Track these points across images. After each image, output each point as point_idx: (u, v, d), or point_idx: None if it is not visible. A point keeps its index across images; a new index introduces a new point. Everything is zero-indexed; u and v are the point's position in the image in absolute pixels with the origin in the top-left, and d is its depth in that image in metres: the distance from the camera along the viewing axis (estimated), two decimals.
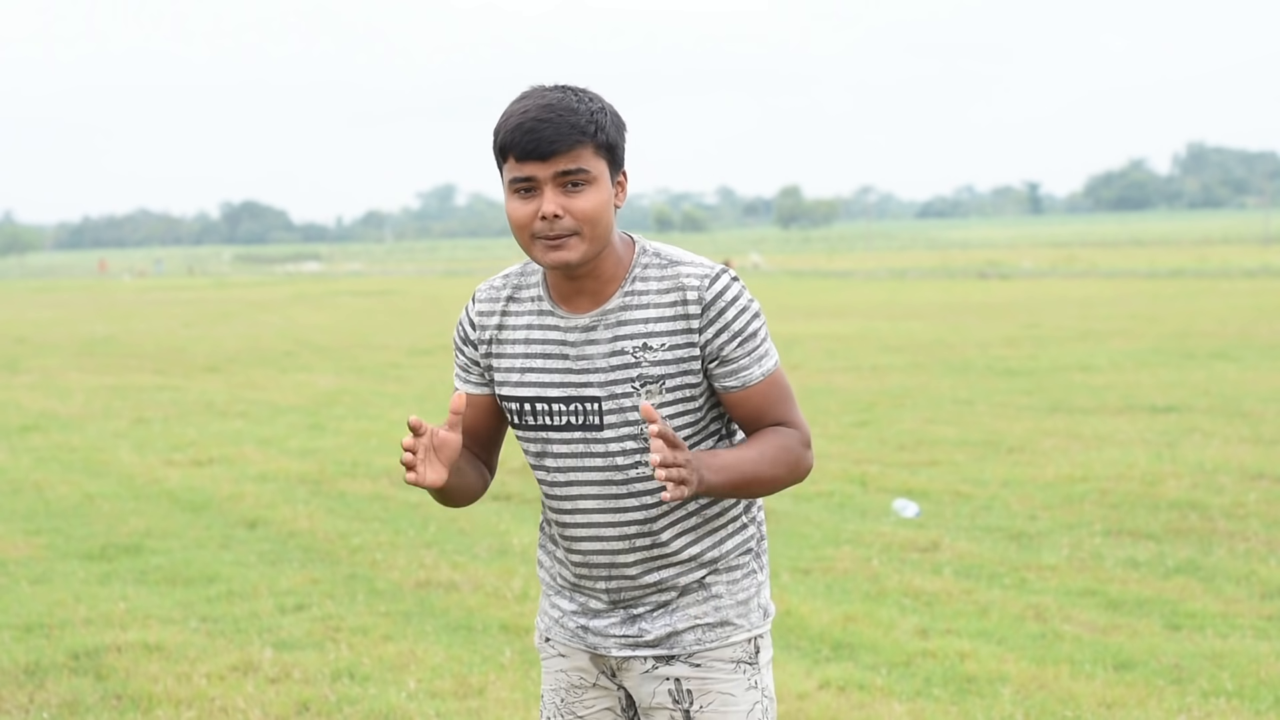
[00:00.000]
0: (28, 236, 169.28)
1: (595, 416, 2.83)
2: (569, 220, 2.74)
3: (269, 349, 25.42)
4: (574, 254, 2.76)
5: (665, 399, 2.80)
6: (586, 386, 2.83)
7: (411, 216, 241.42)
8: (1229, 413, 13.61)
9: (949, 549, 8.32)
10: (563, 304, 2.87)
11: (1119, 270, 50.26)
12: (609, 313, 2.83)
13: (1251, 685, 5.83)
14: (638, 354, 2.80)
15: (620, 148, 2.82)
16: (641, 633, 2.91)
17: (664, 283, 2.83)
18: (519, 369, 2.89)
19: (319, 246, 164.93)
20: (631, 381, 2.80)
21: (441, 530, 9.20)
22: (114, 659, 6.43)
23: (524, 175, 2.75)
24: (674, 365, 2.80)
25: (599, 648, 2.94)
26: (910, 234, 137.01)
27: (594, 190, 2.75)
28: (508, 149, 2.76)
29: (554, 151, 2.72)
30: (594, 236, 2.77)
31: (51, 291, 61.83)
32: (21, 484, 11.41)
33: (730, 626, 2.91)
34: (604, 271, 2.83)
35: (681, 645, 2.89)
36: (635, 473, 2.83)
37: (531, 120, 2.73)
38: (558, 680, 3.03)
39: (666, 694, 2.90)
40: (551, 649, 3.04)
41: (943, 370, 18.41)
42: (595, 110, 2.76)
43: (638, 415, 2.80)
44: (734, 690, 2.90)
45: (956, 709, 5.65)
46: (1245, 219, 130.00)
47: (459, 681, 6.07)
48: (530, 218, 2.76)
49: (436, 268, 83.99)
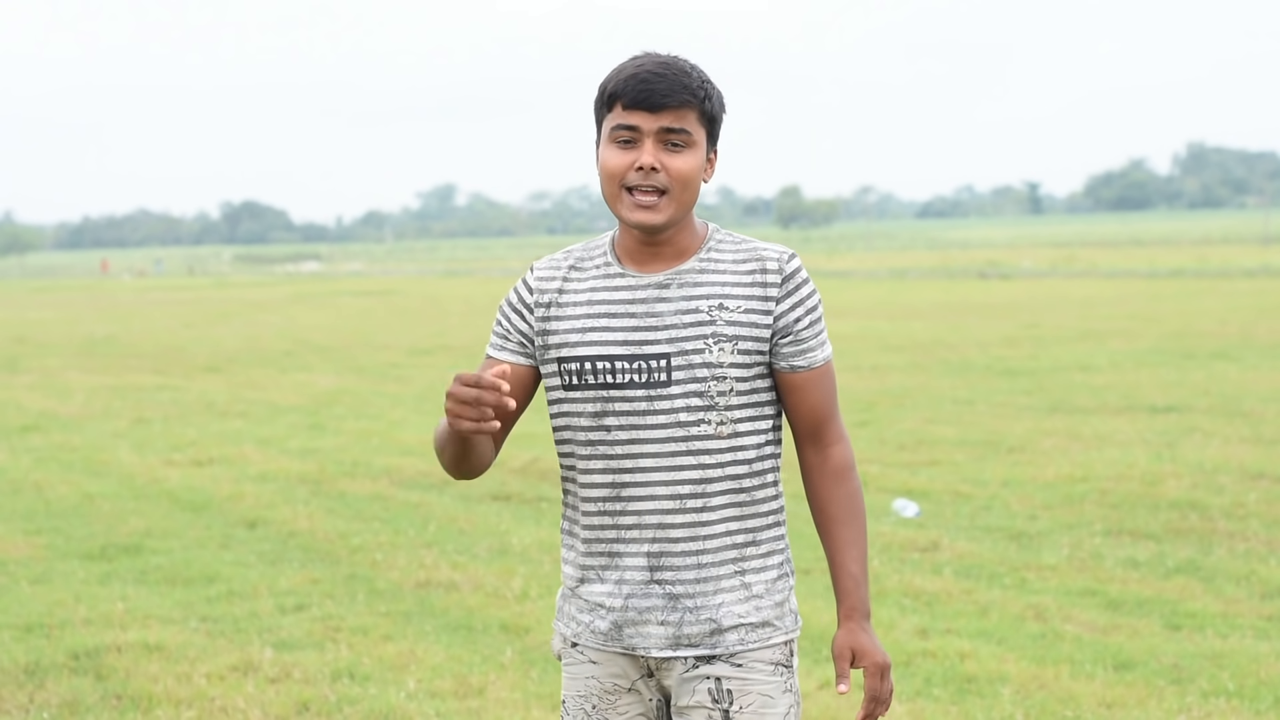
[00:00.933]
0: (28, 236, 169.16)
1: (662, 373, 2.83)
2: (663, 176, 2.78)
3: (269, 349, 25.42)
4: (660, 215, 2.80)
5: (735, 359, 2.83)
6: (654, 344, 2.84)
7: (411, 216, 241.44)
8: (1229, 413, 13.61)
9: (949, 549, 8.32)
10: (635, 266, 2.89)
11: (1119, 270, 50.27)
12: (684, 273, 2.86)
13: (1251, 685, 5.83)
14: (714, 312, 2.83)
15: (719, 124, 2.87)
16: (682, 623, 2.88)
17: (740, 254, 2.89)
18: (580, 329, 2.88)
19: (319, 246, 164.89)
20: (705, 338, 2.82)
21: (441, 530, 9.20)
22: (114, 659, 6.43)
23: (628, 124, 2.79)
24: (747, 328, 2.83)
25: (638, 648, 2.91)
26: (910, 234, 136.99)
27: (692, 154, 2.80)
28: (617, 95, 2.79)
29: (664, 105, 2.77)
30: (682, 200, 2.81)
31: (51, 291, 61.83)
32: (21, 484, 11.41)
33: (771, 628, 2.91)
34: (680, 241, 2.88)
35: (724, 645, 2.88)
36: (698, 430, 2.84)
37: (647, 72, 2.78)
38: (588, 687, 2.96)
39: (706, 693, 2.88)
40: (580, 655, 2.97)
41: (943, 370, 18.41)
42: (705, 80, 2.83)
43: (706, 373, 2.83)
44: (772, 692, 2.90)
45: (956, 709, 5.65)
46: (1245, 219, 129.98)
47: (459, 681, 6.08)
48: (626, 167, 2.80)
49: (436, 268, 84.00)
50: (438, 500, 10.28)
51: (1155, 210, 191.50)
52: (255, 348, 25.77)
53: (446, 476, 11.15)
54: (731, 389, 2.84)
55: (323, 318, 35.24)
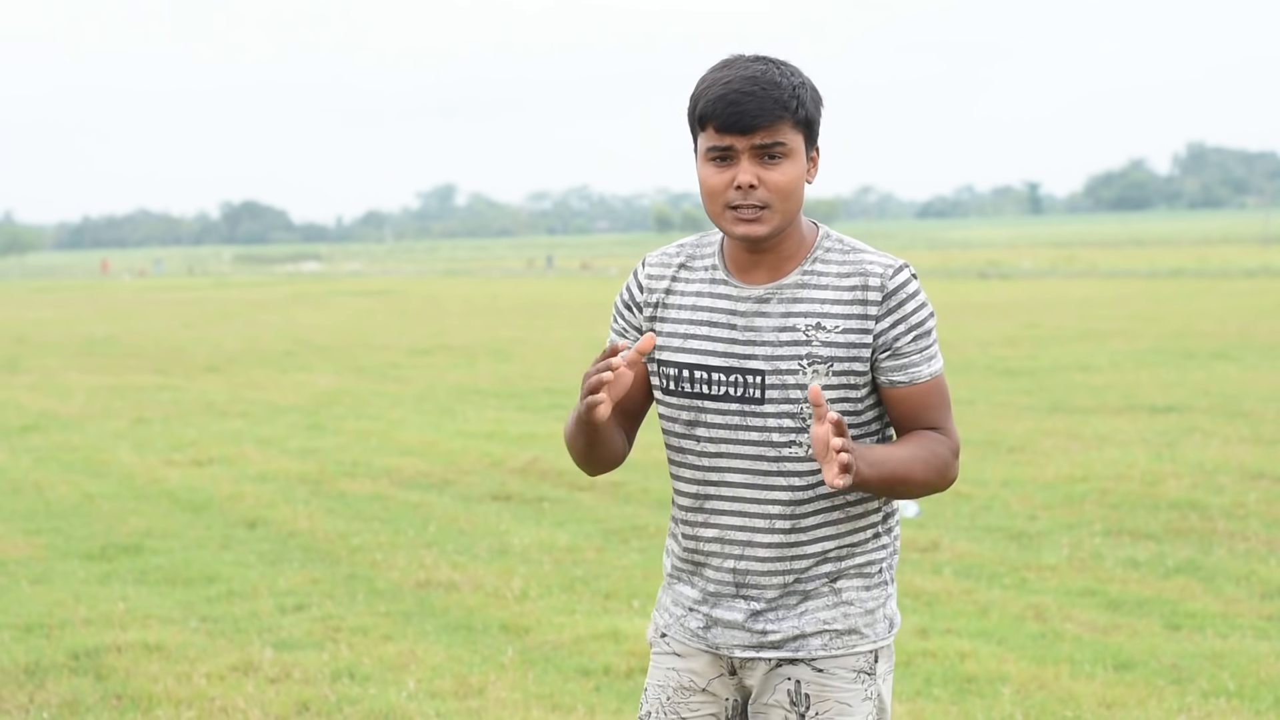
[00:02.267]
0: (28, 236, 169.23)
1: (756, 390, 2.79)
2: (763, 192, 2.73)
3: (269, 349, 25.42)
4: (764, 227, 2.75)
5: (830, 381, 2.77)
6: (751, 359, 2.80)
7: (411, 216, 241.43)
8: (1229, 413, 13.61)
9: (949, 549, 8.32)
10: (738, 275, 2.85)
11: (1119, 270, 50.27)
12: (785, 287, 2.81)
13: (1251, 685, 5.83)
14: (810, 332, 2.78)
15: (817, 124, 2.81)
16: (766, 632, 2.87)
17: (845, 267, 2.81)
18: (682, 334, 2.86)
19: (319, 246, 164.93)
20: (799, 359, 2.77)
21: (441, 530, 9.20)
22: (114, 659, 6.43)
23: (723, 145, 2.74)
24: (844, 349, 2.77)
25: (722, 648, 2.90)
26: (910, 234, 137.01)
27: (790, 164, 2.75)
28: (708, 118, 2.74)
29: (756, 125, 2.71)
30: (785, 210, 2.76)
31: (51, 291, 61.82)
32: (21, 484, 11.41)
33: (857, 635, 2.88)
34: (786, 248, 2.82)
35: (807, 649, 2.86)
36: (789, 451, 2.80)
37: (735, 92, 2.71)
38: (667, 678, 2.97)
39: (785, 694, 2.87)
40: (666, 645, 2.98)
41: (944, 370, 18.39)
42: (797, 85, 2.75)
43: (800, 394, 2.77)
44: (851, 700, 2.87)
45: (956, 709, 5.65)
46: (1245, 219, 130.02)
47: (459, 681, 6.07)
48: (725, 186, 2.75)
49: (436, 268, 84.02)
50: (438, 500, 10.28)
51: (1155, 210, 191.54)
52: (255, 348, 25.77)
53: (447, 476, 11.16)
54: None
55: (323, 318, 35.23)
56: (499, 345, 24.69)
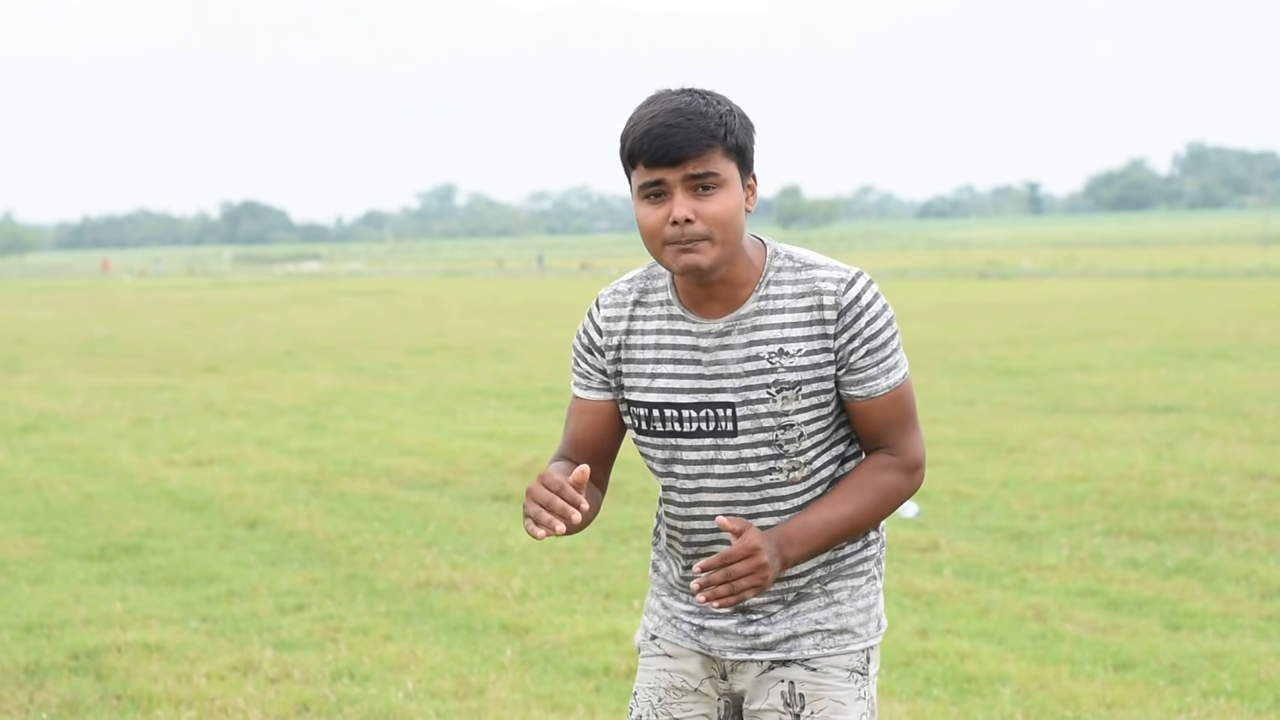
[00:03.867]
0: (28, 236, 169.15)
1: (728, 423, 2.80)
2: (700, 225, 2.71)
3: (269, 349, 25.41)
4: (705, 258, 2.73)
5: (801, 404, 2.78)
6: (719, 392, 2.80)
7: (411, 216, 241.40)
8: (1229, 413, 13.61)
9: (949, 549, 8.32)
10: (694, 309, 2.83)
11: (1119, 270, 50.26)
12: (743, 318, 2.80)
13: (1251, 685, 5.83)
14: (774, 359, 2.77)
15: (750, 150, 2.78)
16: (759, 634, 2.88)
17: (799, 286, 2.79)
18: (649, 374, 2.85)
19: (319, 246, 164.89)
20: (767, 387, 2.77)
21: (441, 530, 9.20)
22: (114, 659, 6.43)
23: (653, 180, 2.72)
24: (810, 371, 2.78)
25: (714, 650, 2.92)
26: (910, 234, 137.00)
27: (725, 194, 2.72)
28: (636, 155, 2.73)
29: (684, 156, 2.68)
30: (725, 240, 2.73)
31: (51, 291, 61.81)
32: (21, 484, 11.41)
33: (850, 634, 2.90)
34: (736, 276, 2.80)
35: (800, 649, 2.87)
36: (769, 479, 2.81)
37: (660, 125, 2.69)
38: (658, 680, 2.98)
39: (779, 696, 2.88)
40: (657, 648, 3.00)
41: (943, 370, 18.41)
42: (724, 113, 2.73)
43: (773, 422, 2.78)
44: (845, 699, 2.88)
45: (956, 709, 5.65)
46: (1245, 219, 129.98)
47: (459, 681, 6.07)
48: (661, 223, 2.73)
49: (436, 268, 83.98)
50: (438, 500, 10.28)
51: (1155, 210, 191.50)
52: (255, 348, 25.76)
53: (447, 476, 11.16)
54: (800, 434, 2.80)
55: (323, 318, 35.23)
56: (499, 345, 24.69)
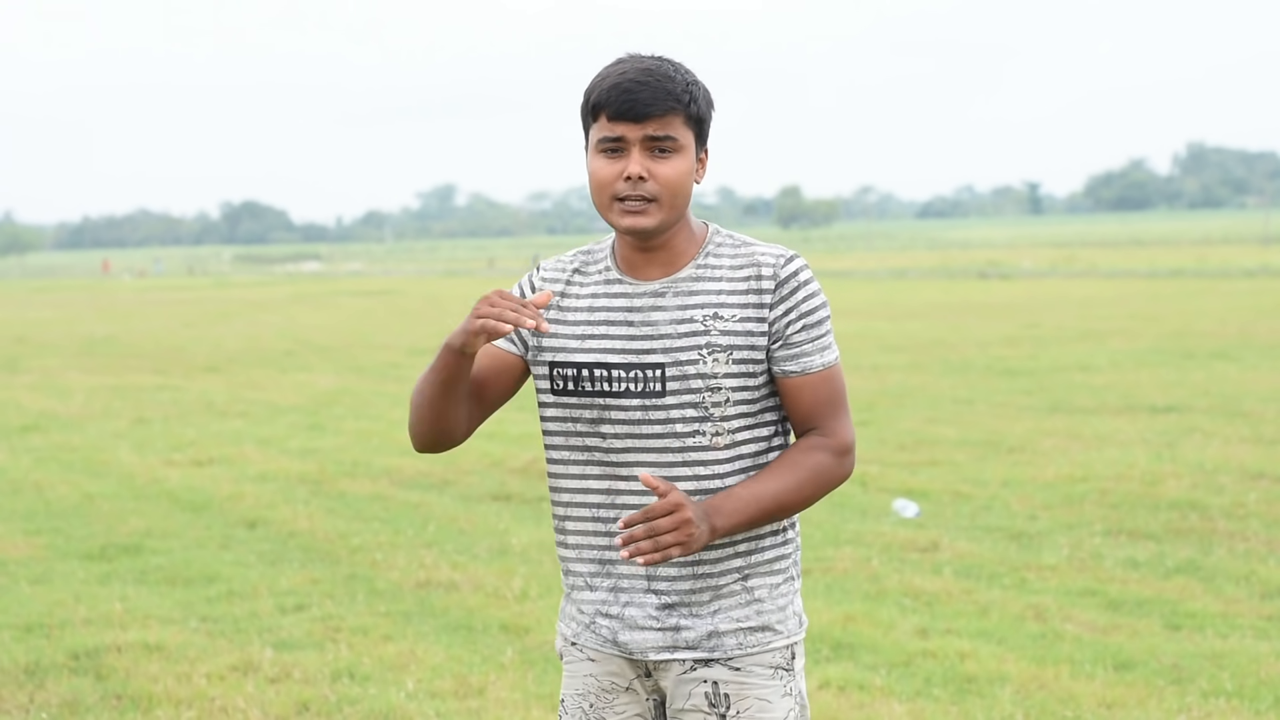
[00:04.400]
0: (28, 236, 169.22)
1: (657, 383, 2.82)
2: (652, 185, 2.77)
3: (269, 349, 25.42)
4: (651, 220, 2.79)
5: (730, 369, 2.81)
6: (650, 353, 2.83)
7: (411, 216, 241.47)
8: (1229, 413, 13.61)
9: (949, 549, 8.32)
10: (631, 273, 2.88)
11: (1119, 270, 50.27)
12: (680, 281, 2.85)
13: (1251, 685, 5.83)
14: (708, 322, 2.81)
15: (708, 124, 2.85)
16: (679, 629, 2.87)
17: (738, 259, 2.85)
18: (579, 335, 2.88)
19: (319, 246, 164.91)
20: (699, 348, 2.80)
21: (441, 530, 9.20)
22: (114, 659, 6.43)
23: (614, 135, 2.77)
24: (742, 337, 2.81)
25: (635, 652, 2.89)
26: (910, 234, 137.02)
27: (680, 159, 2.79)
28: (601, 107, 2.77)
29: (648, 114, 2.75)
30: (673, 205, 2.79)
31: (51, 291, 61.82)
32: (21, 484, 11.41)
33: (771, 632, 2.89)
34: (677, 244, 2.86)
35: (722, 649, 2.86)
36: (694, 441, 2.83)
37: (629, 81, 2.76)
38: (585, 685, 2.97)
39: (703, 696, 2.87)
40: (579, 653, 2.98)
41: (943, 370, 18.41)
42: (690, 82, 2.80)
43: (701, 384, 2.80)
44: (770, 696, 2.88)
45: (956, 709, 5.65)
46: (1245, 219, 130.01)
47: (459, 681, 6.07)
48: (614, 178, 2.79)
49: (436, 268, 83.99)
50: (438, 500, 10.28)
51: (1155, 210, 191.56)
52: (255, 348, 25.77)
53: (447, 476, 11.16)
54: (727, 399, 2.82)
55: (323, 318, 35.23)
56: None
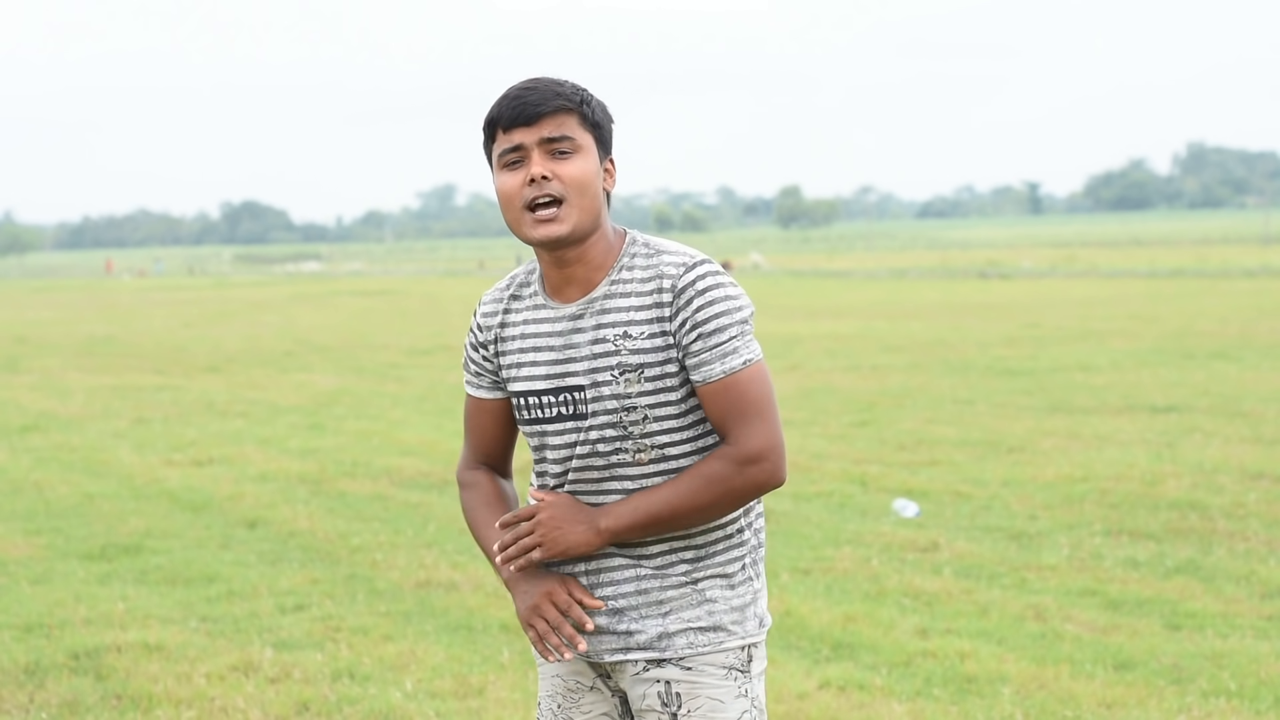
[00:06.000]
0: (28, 236, 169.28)
1: (581, 405, 2.85)
2: (556, 184, 2.78)
3: (269, 349, 25.42)
4: (564, 225, 2.79)
5: (644, 387, 2.81)
6: (571, 376, 2.85)
7: (411, 216, 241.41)
8: (1229, 413, 13.61)
9: (949, 549, 8.32)
10: (554, 295, 2.90)
11: (1119, 270, 50.27)
12: (594, 301, 2.86)
13: (1251, 685, 5.83)
14: (618, 342, 2.82)
15: (607, 130, 2.87)
16: (631, 632, 2.89)
17: (647, 271, 2.85)
18: (518, 364, 2.93)
19: (319, 246, 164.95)
20: (611, 369, 2.82)
21: (441, 530, 9.20)
22: (114, 659, 6.43)
23: (512, 145, 2.80)
24: (652, 354, 2.81)
25: (591, 654, 2.92)
26: (910, 234, 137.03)
27: (581, 159, 2.81)
28: (495, 121, 2.83)
29: (539, 114, 2.78)
30: (582, 207, 2.79)
31: (51, 291, 61.81)
32: (21, 484, 11.41)
33: (724, 632, 2.89)
34: (593, 259, 2.86)
35: (673, 649, 2.87)
36: (616, 459, 2.85)
37: (517, 89, 2.82)
38: (554, 685, 3.02)
39: (655, 696, 2.88)
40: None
41: (943, 370, 18.41)
42: (581, 89, 2.86)
43: (616, 404, 2.82)
44: (723, 697, 2.87)
45: (956, 709, 5.65)
46: (1245, 219, 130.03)
47: (459, 681, 6.07)
48: (519, 186, 2.80)
49: (436, 268, 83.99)
50: (438, 500, 10.28)
51: (1155, 210, 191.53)
52: (255, 348, 25.76)
53: (447, 476, 11.16)
54: (645, 417, 2.82)
55: (323, 318, 35.23)
56: None
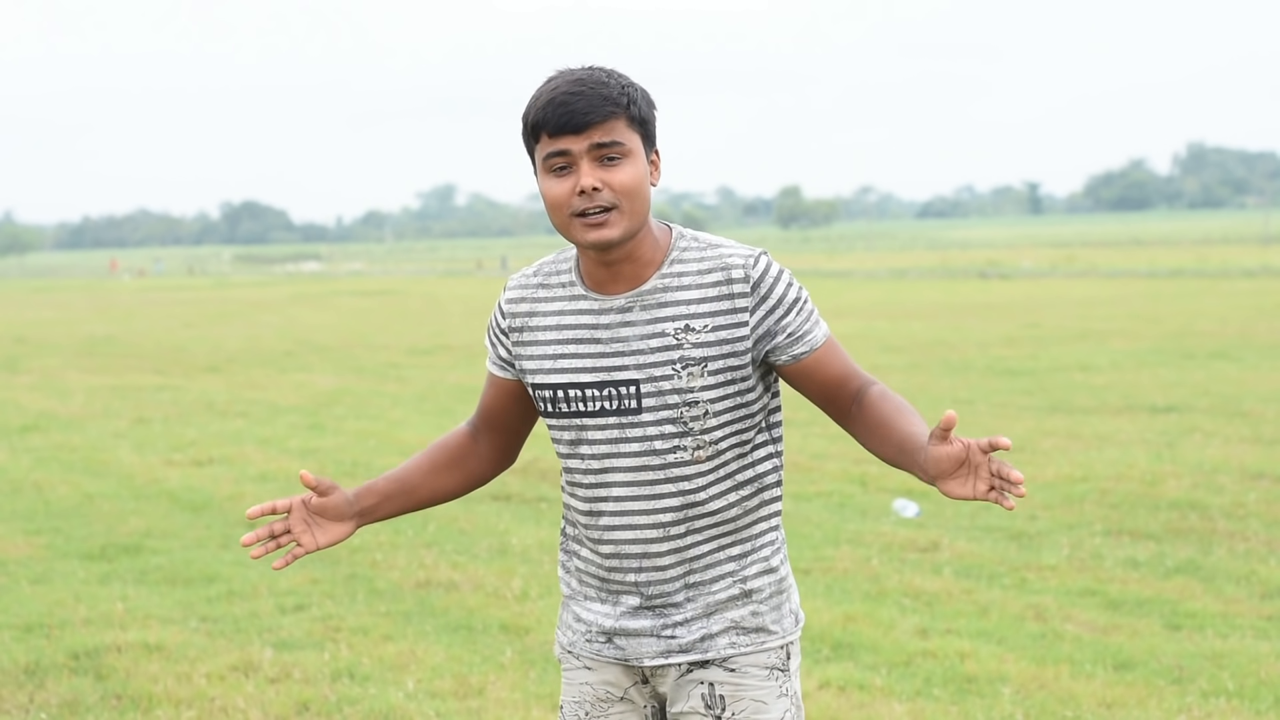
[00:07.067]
0: (28, 236, 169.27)
1: (632, 400, 2.77)
2: (607, 194, 2.70)
3: (269, 349, 25.42)
4: (614, 230, 2.71)
5: (707, 381, 2.75)
6: (622, 370, 2.77)
7: (411, 216, 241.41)
8: (1229, 413, 13.61)
9: (949, 549, 8.32)
10: (596, 288, 2.81)
11: (1119, 270, 50.27)
12: (646, 294, 2.77)
13: (1251, 685, 5.83)
14: (679, 335, 2.75)
15: (652, 124, 2.78)
16: (675, 636, 2.85)
17: (705, 264, 2.78)
18: (551, 355, 2.83)
19: (319, 246, 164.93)
20: (673, 363, 2.75)
21: (441, 530, 9.20)
22: (114, 659, 6.43)
23: (558, 150, 2.70)
24: (717, 347, 2.75)
25: (630, 659, 2.88)
26: (910, 234, 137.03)
27: (630, 164, 2.71)
28: (540, 126, 2.71)
29: (588, 123, 2.68)
30: (633, 211, 2.72)
31: (51, 291, 61.81)
32: (21, 484, 11.41)
33: (766, 633, 2.87)
34: (641, 254, 2.78)
35: (716, 649, 2.84)
36: (674, 458, 2.78)
37: (563, 94, 2.69)
38: (582, 693, 2.95)
39: (699, 699, 2.85)
40: (576, 661, 2.97)
41: (943, 370, 18.41)
42: (626, 84, 2.73)
43: (677, 399, 2.75)
44: (766, 698, 2.86)
45: (956, 709, 5.65)
46: (1245, 219, 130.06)
47: (459, 681, 6.08)
48: (568, 195, 2.71)
49: (436, 268, 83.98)
50: None
51: (1155, 210, 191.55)
52: (255, 348, 25.77)
53: None
54: (706, 412, 2.76)
55: (323, 318, 35.23)
56: None
